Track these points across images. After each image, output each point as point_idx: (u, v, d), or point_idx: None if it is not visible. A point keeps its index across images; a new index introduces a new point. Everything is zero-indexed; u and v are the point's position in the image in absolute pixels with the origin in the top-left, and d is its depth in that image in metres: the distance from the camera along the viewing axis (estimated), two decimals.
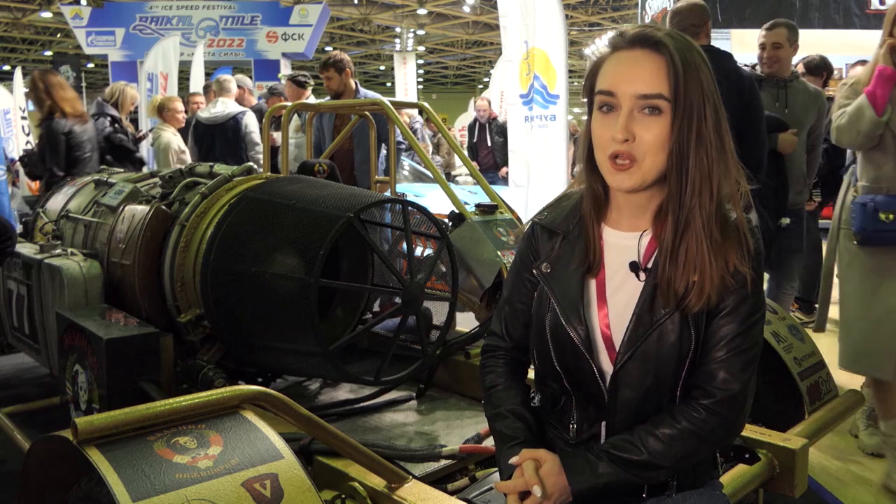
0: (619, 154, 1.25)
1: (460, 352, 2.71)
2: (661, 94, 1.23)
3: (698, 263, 1.25)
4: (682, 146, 1.23)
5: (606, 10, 21.22)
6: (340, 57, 5.13)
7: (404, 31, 22.48)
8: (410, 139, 3.24)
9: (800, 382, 2.31)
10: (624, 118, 1.24)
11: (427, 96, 33.23)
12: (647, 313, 1.30)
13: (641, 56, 1.25)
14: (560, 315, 1.36)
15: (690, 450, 1.30)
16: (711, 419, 1.29)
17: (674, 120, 1.23)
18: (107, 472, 1.21)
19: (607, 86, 1.27)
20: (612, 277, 1.36)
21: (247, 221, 2.37)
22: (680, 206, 1.26)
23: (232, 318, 2.34)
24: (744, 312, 1.30)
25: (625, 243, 1.35)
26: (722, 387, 1.29)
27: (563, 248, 1.40)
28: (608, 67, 1.29)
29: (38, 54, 26.74)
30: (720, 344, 1.30)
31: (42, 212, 3.45)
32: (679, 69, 1.22)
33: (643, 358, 1.30)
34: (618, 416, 1.34)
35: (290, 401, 1.47)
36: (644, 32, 1.27)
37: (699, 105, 1.23)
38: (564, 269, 1.38)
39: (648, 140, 1.24)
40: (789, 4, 8.69)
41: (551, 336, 1.37)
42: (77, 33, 15.86)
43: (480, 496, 1.79)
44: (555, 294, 1.37)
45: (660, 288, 1.29)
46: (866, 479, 2.91)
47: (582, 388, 1.37)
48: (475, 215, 3.00)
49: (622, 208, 1.36)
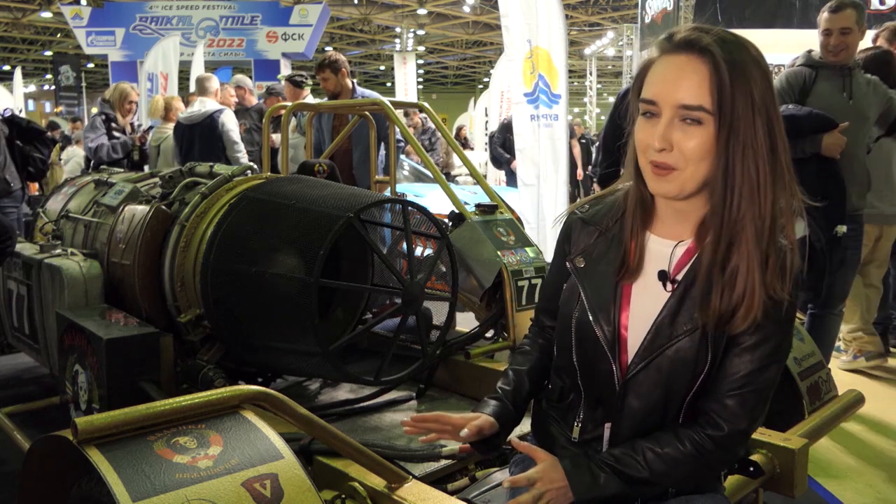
0: (654, 162, 1.23)
1: (460, 352, 2.71)
2: (703, 106, 1.18)
3: (748, 284, 1.21)
4: (728, 158, 1.19)
5: (606, 10, 21.24)
6: (336, 57, 5.12)
7: (404, 31, 22.48)
8: (410, 139, 3.24)
9: (800, 382, 2.31)
10: (663, 127, 1.21)
11: (427, 96, 33.23)
12: (668, 326, 1.28)
13: (686, 63, 1.20)
14: (588, 312, 1.34)
15: (691, 473, 1.31)
16: (716, 451, 1.28)
17: (718, 131, 1.19)
18: (107, 472, 1.21)
19: (650, 94, 1.24)
20: (640, 283, 1.34)
21: (247, 221, 2.37)
22: (725, 220, 1.22)
23: (232, 318, 2.34)
24: (769, 349, 1.27)
25: (660, 250, 1.33)
26: (731, 421, 1.27)
27: (599, 244, 1.38)
28: (654, 72, 1.25)
29: (38, 54, 26.74)
30: (737, 376, 1.27)
31: (42, 212, 3.45)
32: (725, 79, 1.17)
33: (656, 369, 1.29)
34: (623, 424, 1.34)
35: (290, 401, 1.47)
36: (691, 37, 1.21)
37: (746, 115, 1.18)
38: (598, 267, 1.36)
39: (688, 149, 1.20)
40: (789, 4, 8.69)
41: (576, 331, 1.36)
42: (77, 33, 15.87)
43: (480, 496, 1.79)
44: (585, 290, 1.36)
45: (690, 300, 1.26)
46: (866, 478, 2.91)
47: (594, 389, 1.37)
48: (475, 215, 3.00)
49: (663, 215, 1.33)
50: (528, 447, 1.34)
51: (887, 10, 8.78)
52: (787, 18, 8.71)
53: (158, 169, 3.63)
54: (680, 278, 1.29)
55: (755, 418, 1.28)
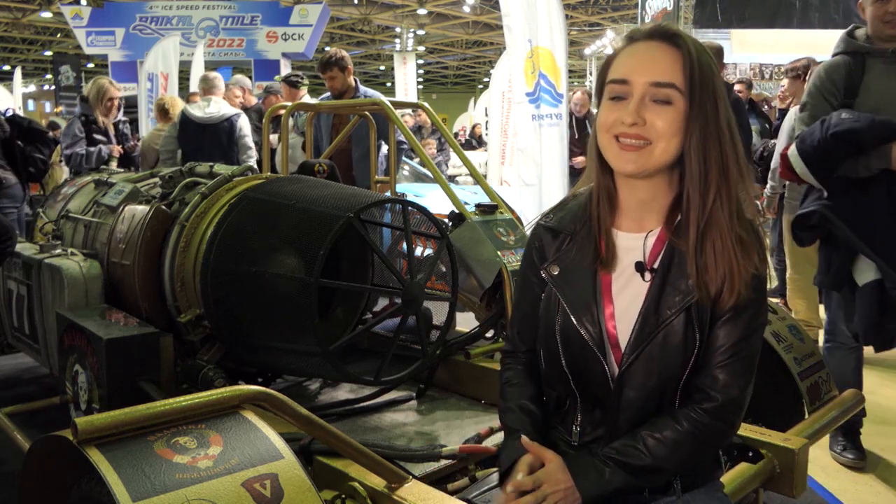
0: (624, 135, 1.25)
1: (460, 352, 2.71)
2: (674, 83, 1.23)
3: (727, 261, 1.25)
4: (703, 136, 1.23)
5: (606, 10, 21.23)
6: (342, 55, 5.06)
7: (404, 31, 22.48)
8: (410, 139, 3.24)
9: (800, 382, 2.31)
10: (635, 103, 1.24)
11: (427, 96, 33.23)
12: (654, 314, 1.30)
13: (657, 47, 1.26)
14: (571, 315, 1.35)
15: (693, 452, 1.31)
16: (714, 423, 1.30)
17: (690, 111, 1.23)
18: (107, 472, 1.21)
19: (620, 74, 1.27)
20: (618, 277, 1.36)
21: (247, 221, 2.37)
22: (702, 203, 1.25)
23: (232, 318, 2.34)
24: (748, 317, 1.30)
25: (630, 244, 1.35)
26: (723, 391, 1.29)
27: (570, 248, 1.39)
28: (622, 58, 1.30)
29: (38, 54, 26.74)
30: (723, 348, 1.30)
31: (42, 212, 3.45)
32: (695, 63, 1.23)
33: (648, 358, 1.31)
34: (622, 417, 1.34)
35: (290, 401, 1.47)
36: (661, 26, 1.29)
37: (713, 101, 1.24)
38: (574, 270, 1.38)
39: (660, 125, 1.24)
40: (789, 4, 8.69)
41: (561, 337, 1.37)
42: (77, 33, 15.87)
43: (480, 496, 1.79)
44: (565, 295, 1.37)
45: (670, 286, 1.29)
46: (866, 478, 2.91)
47: (589, 390, 1.37)
48: (475, 215, 3.00)
49: (628, 208, 1.36)
50: (536, 447, 1.33)
51: None
52: (787, 18, 8.72)
53: (158, 169, 3.63)
54: (657, 266, 1.32)
55: (745, 385, 1.31)
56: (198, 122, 5.50)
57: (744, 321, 1.30)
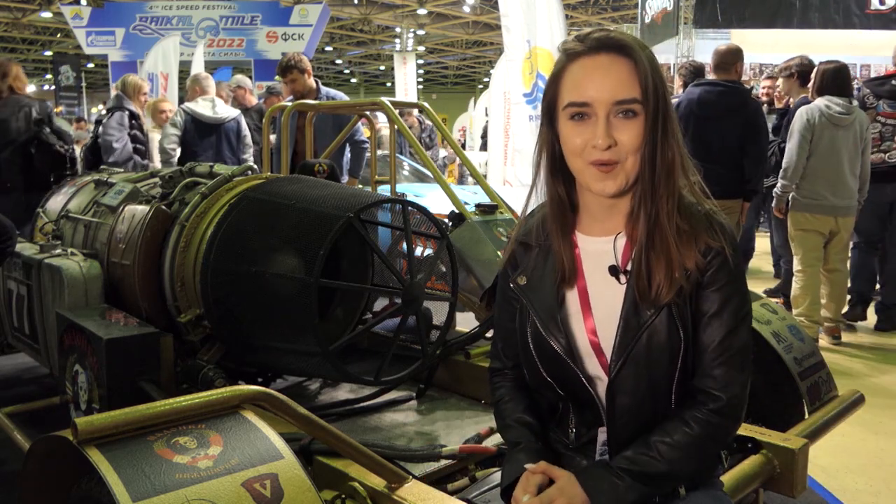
0: (600, 161, 1.25)
1: (460, 352, 2.71)
2: (636, 97, 1.23)
3: (665, 252, 1.26)
4: (654, 143, 1.25)
5: (606, 10, 21.25)
6: (300, 58, 5.08)
7: (404, 31, 22.49)
8: (410, 139, 3.24)
9: (800, 382, 2.31)
10: (603, 125, 1.24)
11: (427, 96, 33.23)
12: (634, 316, 1.30)
13: (609, 61, 1.25)
14: (539, 326, 1.35)
15: (705, 453, 1.32)
16: (723, 422, 1.30)
17: (646, 119, 1.24)
18: (107, 472, 1.21)
19: (578, 96, 1.26)
20: (594, 284, 1.35)
21: (247, 221, 2.37)
22: (652, 202, 1.27)
23: (232, 318, 2.34)
24: (733, 309, 1.30)
25: (600, 248, 1.35)
26: (727, 389, 1.29)
27: (537, 259, 1.40)
28: (574, 76, 1.27)
29: (38, 54, 26.75)
30: (713, 346, 1.30)
31: (42, 212, 3.45)
32: (648, 71, 1.24)
33: (636, 362, 1.30)
34: (618, 423, 1.34)
35: (290, 401, 1.47)
36: (608, 37, 1.26)
37: (664, 102, 1.25)
38: (540, 281, 1.38)
39: (627, 141, 1.24)
40: (789, 4, 8.68)
41: (534, 347, 1.37)
42: (77, 33, 15.86)
43: (480, 496, 1.79)
44: (532, 305, 1.37)
45: (641, 286, 1.28)
46: (866, 478, 2.91)
47: (575, 395, 1.37)
48: (475, 215, 3.00)
49: (594, 213, 1.35)
50: (545, 467, 1.31)
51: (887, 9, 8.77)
52: (787, 18, 8.71)
53: (158, 169, 3.63)
54: (630, 268, 1.31)
55: (745, 380, 1.31)
56: (209, 123, 5.49)
57: (728, 313, 1.29)
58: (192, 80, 6.11)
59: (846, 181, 4.60)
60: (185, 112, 5.50)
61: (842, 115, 4.53)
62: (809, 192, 4.62)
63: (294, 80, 5.04)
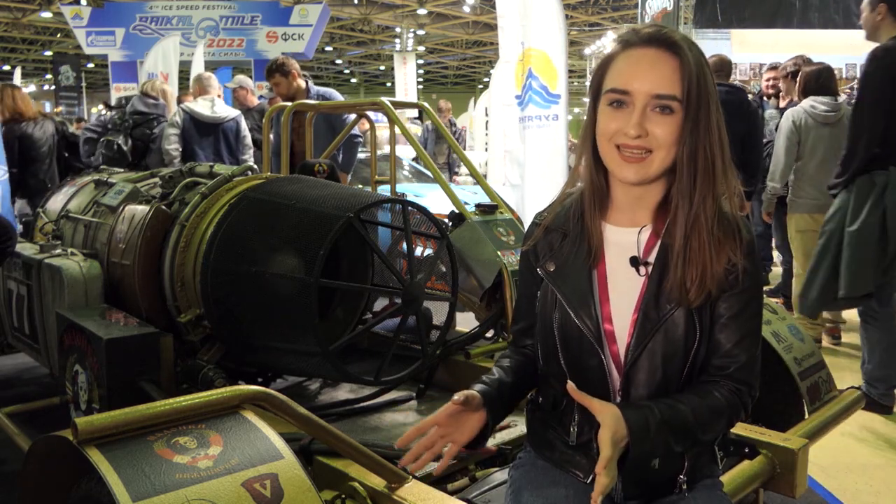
0: (627, 147, 1.27)
1: (460, 352, 2.71)
2: (675, 95, 1.25)
3: (702, 259, 1.28)
4: (694, 144, 1.26)
5: (606, 10, 21.24)
6: (282, 61, 5.09)
7: (404, 31, 22.49)
8: (410, 139, 3.24)
9: (800, 382, 2.31)
10: (638, 115, 1.26)
11: (427, 96, 33.21)
12: (654, 309, 1.31)
13: (656, 56, 1.27)
14: (570, 311, 1.36)
15: (725, 424, 1.35)
16: (738, 411, 1.34)
17: (685, 119, 1.25)
18: (107, 472, 1.21)
19: (621, 84, 1.28)
20: (613, 273, 1.36)
21: (247, 221, 2.37)
22: (690, 208, 1.28)
23: (232, 318, 2.34)
24: (749, 314, 1.33)
25: (624, 238, 1.36)
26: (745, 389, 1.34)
27: (566, 246, 1.40)
28: (621, 64, 1.30)
29: (38, 54, 26.73)
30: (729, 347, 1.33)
31: (42, 212, 3.45)
32: (693, 71, 1.25)
33: (652, 354, 1.32)
34: None
35: (290, 401, 1.47)
36: (660, 32, 1.29)
37: (706, 106, 1.26)
38: (569, 266, 1.39)
39: (660, 135, 1.26)
40: (789, 4, 8.68)
41: (559, 334, 1.38)
42: (77, 33, 15.85)
43: (480, 496, 1.79)
44: (562, 291, 1.38)
45: (671, 285, 1.30)
46: (866, 478, 2.91)
47: (586, 388, 1.36)
48: (475, 215, 3.00)
49: (621, 204, 1.37)
50: (581, 396, 1.27)
51: None
52: (787, 18, 8.70)
53: (158, 169, 3.63)
54: (652, 260, 1.33)
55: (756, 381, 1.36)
56: (208, 122, 5.51)
57: (747, 317, 1.33)
58: (193, 80, 6.17)
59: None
60: (183, 111, 5.51)
61: (827, 114, 4.55)
62: (804, 193, 4.63)
63: (277, 83, 5.05)
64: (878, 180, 3.45)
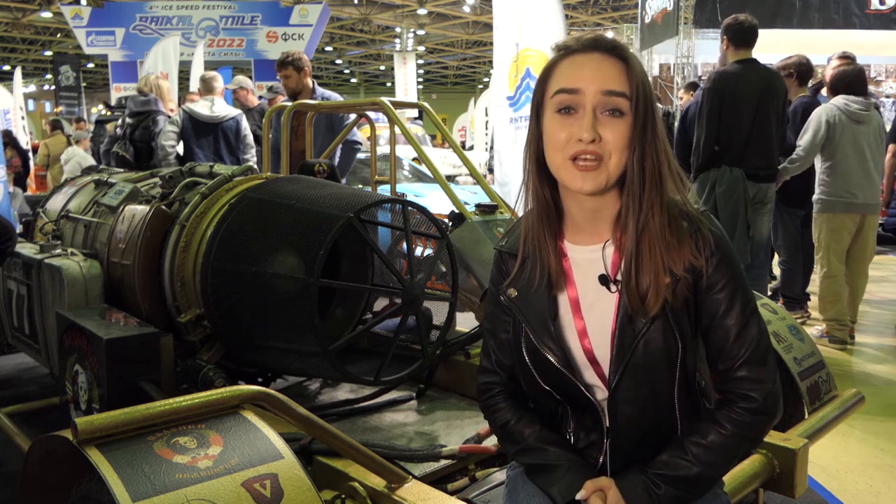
0: (582, 154, 1.23)
1: (460, 352, 2.71)
2: (625, 92, 1.23)
3: (653, 267, 1.25)
4: (643, 147, 1.24)
5: (606, 10, 21.25)
6: (299, 55, 5.11)
7: (404, 31, 22.49)
8: (410, 139, 3.24)
9: (800, 382, 2.31)
10: (590, 118, 1.23)
11: (427, 96, 33.23)
12: (629, 325, 1.28)
13: (601, 58, 1.26)
14: (533, 338, 1.34)
15: (739, 452, 1.31)
16: (759, 420, 1.28)
17: (635, 122, 1.23)
18: (107, 472, 1.21)
19: (569, 83, 1.25)
20: (585, 293, 1.34)
21: (247, 221, 2.37)
22: (640, 209, 1.25)
23: (232, 318, 2.34)
24: (738, 309, 1.29)
25: (589, 257, 1.33)
26: (759, 391, 1.28)
27: (524, 270, 1.37)
28: (565, 69, 1.28)
29: (38, 54, 26.76)
30: (727, 347, 1.29)
31: (42, 212, 3.45)
32: (637, 73, 1.24)
33: (635, 371, 1.29)
34: (621, 433, 1.33)
35: (290, 401, 1.47)
36: (601, 38, 1.28)
37: (653, 108, 1.25)
38: (530, 291, 1.36)
39: (612, 139, 1.23)
40: (789, 4, 8.69)
41: (530, 359, 1.36)
42: (77, 33, 15.87)
43: (480, 496, 1.79)
44: (525, 317, 1.35)
45: (632, 297, 1.27)
46: (866, 478, 2.91)
47: (575, 401, 1.37)
48: (475, 215, 3.00)
49: (577, 221, 1.34)
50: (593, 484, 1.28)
51: (887, 9, 8.78)
52: (787, 18, 8.71)
53: (158, 169, 3.63)
54: (621, 277, 1.30)
55: (773, 372, 1.30)
56: (207, 122, 5.51)
57: (736, 312, 1.28)
58: (199, 80, 6.24)
59: (872, 177, 4.62)
60: (184, 111, 5.53)
61: (861, 112, 4.58)
62: (838, 191, 4.61)
63: (288, 76, 5.05)
64: (712, 175, 4.22)
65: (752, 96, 4.17)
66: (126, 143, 5.55)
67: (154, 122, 5.54)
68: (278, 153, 4.34)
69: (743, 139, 4.20)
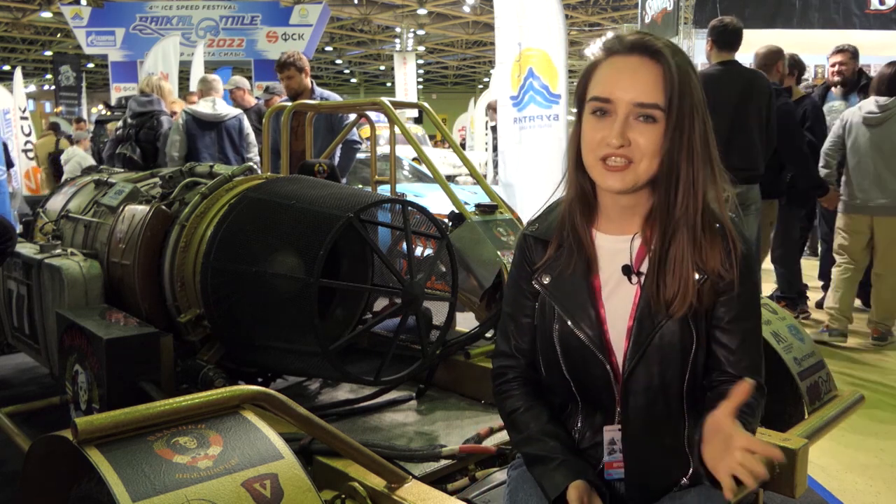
0: (612, 156, 1.25)
1: (460, 352, 2.71)
2: (657, 104, 1.24)
3: (683, 273, 1.27)
4: (673, 156, 1.25)
5: (606, 10, 21.24)
6: (298, 56, 5.14)
7: (404, 31, 22.49)
8: (410, 139, 3.24)
9: (800, 382, 2.31)
10: (620, 124, 1.25)
11: (427, 96, 33.22)
12: (648, 317, 1.31)
13: (639, 64, 1.26)
14: (568, 321, 1.35)
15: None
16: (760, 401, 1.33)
17: (666, 129, 1.24)
18: (107, 472, 1.21)
19: (603, 92, 1.27)
20: (607, 281, 1.36)
21: (247, 221, 2.37)
22: (668, 215, 1.28)
23: (232, 318, 2.34)
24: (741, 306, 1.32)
25: (616, 247, 1.36)
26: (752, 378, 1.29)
27: (559, 255, 1.39)
28: (604, 73, 1.29)
29: (38, 54, 26.76)
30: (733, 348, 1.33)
31: (42, 212, 3.45)
32: (675, 80, 1.24)
33: (648, 361, 1.31)
34: (631, 424, 1.34)
35: (290, 401, 1.47)
36: (643, 40, 1.27)
37: (690, 116, 1.25)
38: (566, 277, 1.37)
39: (643, 144, 1.25)
40: (789, 4, 8.69)
41: (560, 345, 1.36)
42: (77, 33, 15.87)
43: (480, 496, 1.79)
44: (560, 302, 1.37)
45: (652, 294, 1.30)
46: (866, 479, 2.91)
47: (590, 396, 1.37)
48: (475, 215, 3.00)
49: (610, 212, 1.36)
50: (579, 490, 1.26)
51: (887, 9, 8.78)
52: (787, 18, 8.71)
53: (158, 169, 3.63)
54: (644, 269, 1.33)
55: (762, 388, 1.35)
56: (210, 121, 5.53)
57: (746, 318, 1.33)
58: (199, 81, 6.27)
59: (887, 179, 4.63)
60: (186, 113, 5.55)
61: (871, 115, 4.60)
62: (852, 192, 4.69)
63: (290, 77, 5.08)
64: None
65: (732, 97, 4.16)
66: (133, 145, 5.56)
67: (158, 123, 5.56)
68: (278, 153, 4.34)
69: (723, 141, 4.21)
